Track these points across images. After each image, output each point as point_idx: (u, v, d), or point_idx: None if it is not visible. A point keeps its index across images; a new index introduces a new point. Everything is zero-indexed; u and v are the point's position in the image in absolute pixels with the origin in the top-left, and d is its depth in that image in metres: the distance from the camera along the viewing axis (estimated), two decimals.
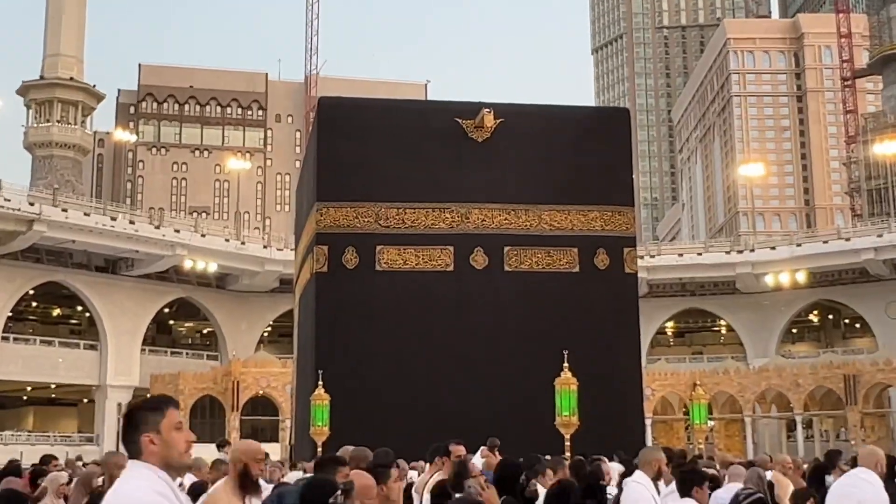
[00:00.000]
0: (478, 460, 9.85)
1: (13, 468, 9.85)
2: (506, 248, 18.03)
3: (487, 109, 17.98)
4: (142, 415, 2.37)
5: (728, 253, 48.93)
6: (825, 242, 47.80)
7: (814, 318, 52.35)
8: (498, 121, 17.91)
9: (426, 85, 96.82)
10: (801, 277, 46.80)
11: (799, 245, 47.85)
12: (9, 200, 39.33)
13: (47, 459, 11.06)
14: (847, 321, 52.31)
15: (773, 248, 48.81)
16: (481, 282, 18.09)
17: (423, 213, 17.95)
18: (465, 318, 17.76)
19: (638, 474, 7.02)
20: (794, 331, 51.86)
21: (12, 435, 45.94)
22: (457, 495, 5.43)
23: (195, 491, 6.71)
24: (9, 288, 42.27)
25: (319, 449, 16.02)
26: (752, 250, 49.24)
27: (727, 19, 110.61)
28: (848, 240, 46.95)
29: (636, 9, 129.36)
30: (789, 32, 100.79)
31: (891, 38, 75.03)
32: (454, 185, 18.22)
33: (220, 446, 12.34)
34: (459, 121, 18.01)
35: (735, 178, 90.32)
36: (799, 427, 46.24)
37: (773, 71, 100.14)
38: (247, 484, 4.36)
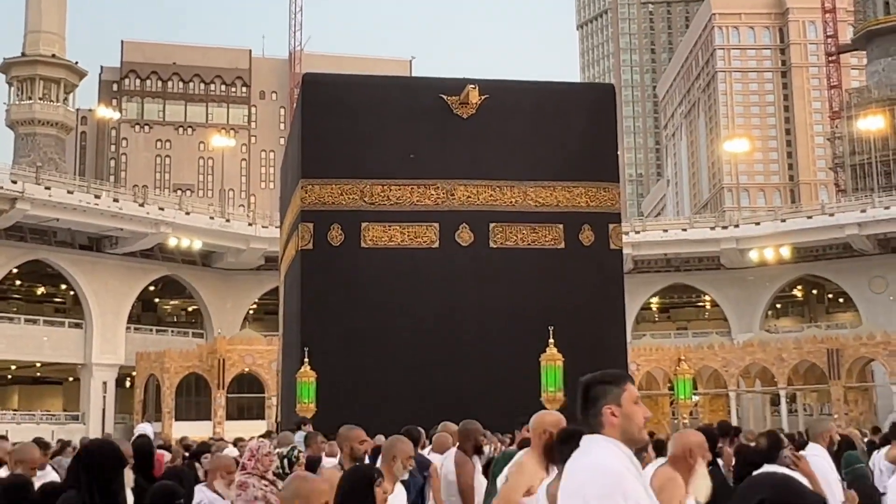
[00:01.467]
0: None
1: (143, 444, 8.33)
2: (491, 225, 18.03)
3: (472, 85, 17.92)
4: (602, 388, 2.40)
5: (713, 229, 48.93)
6: (809, 218, 47.89)
7: (798, 293, 52.24)
8: (483, 97, 17.88)
9: (411, 62, 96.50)
10: (786, 253, 46.88)
11: (783, 220, 47.86)
12: None
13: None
14: (831, 296, 52.57)
15: (758, 223, 48.99)
16: (467, 258, 18.07)
17: (409, 189, 17.86)
18: (450, 294, 17.68)
19: (813, 447, 6.74)
20: (779, 306, 52.17)
21: None
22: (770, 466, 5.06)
23: (311, 465, 6.73)
24: None
25: (306, 424, 15.60)
26: (737, 226, 49.30)
27: None
28: (832, 215, 47.27)
29: None
30: (774, 7, 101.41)
31: (875, 13, 75.29)
32: (439, 161, 18.17)
33: (299, 426, 12.02)
34: (444, 97, 17.87)
35: (720, 154, 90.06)
36: (783, 401, 45.70)
37: (758, 46, 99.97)
38: (552, 453, 4.31)
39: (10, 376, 47.38)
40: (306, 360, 17.11)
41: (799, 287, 50.93)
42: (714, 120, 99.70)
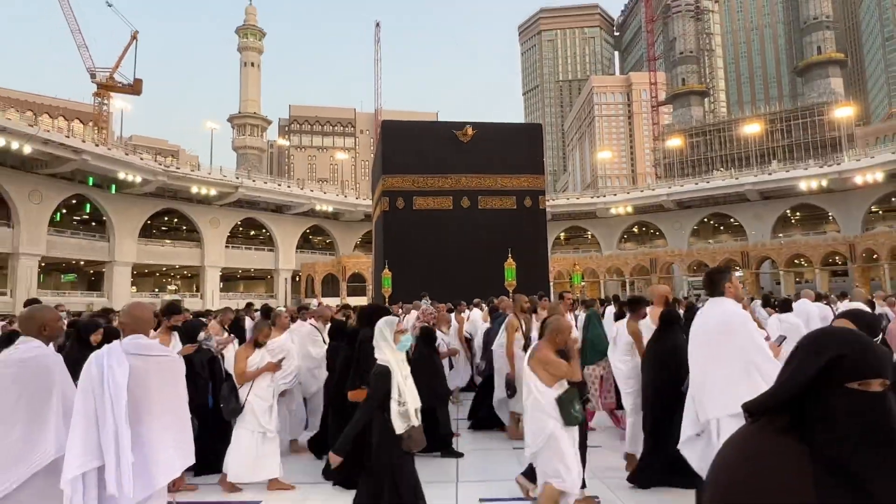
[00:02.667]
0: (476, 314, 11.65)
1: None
2: (479, 197, 21.97)
3: (469, 126, 22.20)
4: (722, 275, 3.74)
5: (591, 198, 63.58)
6: (641, 191, 62.09)
7: (636, 230, 65.44)
8: (474, 131, 22.09)
9: (437, 113, 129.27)
10: (630, 209, 59.90)
11: (628, 193, 62.57)
12: (225, 176, 49.65)
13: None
14: (651, 231, 65.33)
15: (615, 194, 63.43)
16: (466, 215, 21.70)
17: (436, 179, 21.92)
18: (458, 234, 21.23)
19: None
20: (626, 236, 65.39)
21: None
22: None
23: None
24: (225, 222, 52.73)
25: (386, 300, 19.29)
26: (604, 196, 63.64)
27: (593, 75, 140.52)
28: (653, 189, 60.28)
29: (546, 69, 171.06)
30: (625, 82, 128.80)
31: (676, 85, 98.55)
32: (452, 164, 21.89)
33: (421, 297, 13.11)
34: (455, 131, 22.16)
35: (596, 160, 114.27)
36: (628, 287, 58.09)
37: (616, 102, 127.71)
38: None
39: (238, 276, 59.43)
40: (385, 265, 21.10)
41: (635, 227, 64.38)
42: (592, 141, 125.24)
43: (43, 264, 42.44)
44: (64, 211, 44.09)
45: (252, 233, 57.96)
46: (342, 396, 5.27)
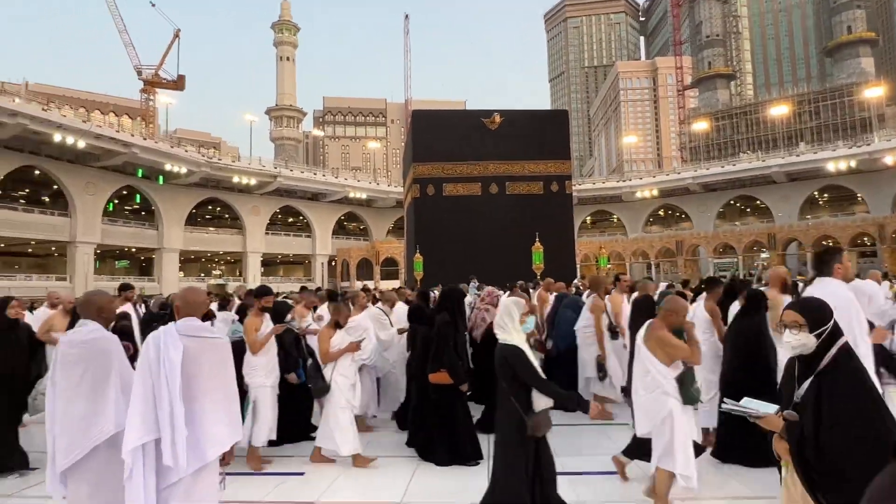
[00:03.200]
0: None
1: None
2: (507, 183, 21.70)
3: (497, 113, 22.04)
4: (831, 256, 3.79)
5: (617, 182, 61.72)
6: (667, 175, 60.12)
7: (661, 213, 63.52)
8: (501, 118, 21.85)
9: (465, 102, 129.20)
10: (655, 193, 58.26)
11: (654, 176, 60.99)
12: (264, 166, 50.18)
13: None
14: (678, 214, 64.02)
15: (641, 178, 61.96)
16: (495, 200, 21.47)
17: (465, 166, 21.62)
18: (487, 219, 20.97)
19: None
20: (651, 220, 63.36)
21: None
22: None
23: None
24: (264, 210, 53.28)
25: (418, 283, 19.11)
26: (630, 180, 61.49)
27: (619, 61, 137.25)
28: (679, 173, 58.55)
29: (571, 56, 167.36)
30: (651, 67, 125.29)
31: (702, 68, 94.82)
32: (480, 151, 21.65)
33: (469, 280, 12.96)
34: (483, 119, 21.95)
35: (622, 145, 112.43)
36: (653, 270, 56.50)
37: (641, 87, 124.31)
38: (786, 288, 5.26)
39: (277, 261, 59.74)
40: (417, 250, 21.09)
41: (661, 210, 62.35)
42: (618, 126, 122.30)
43: (98, 251, 43.66)
44: (116, 201, 45.26)
45: (290, 220, 58.89)
46: (423, 373, 5.41)
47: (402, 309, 7.63)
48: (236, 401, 3.27)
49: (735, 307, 5.49)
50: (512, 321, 3.70)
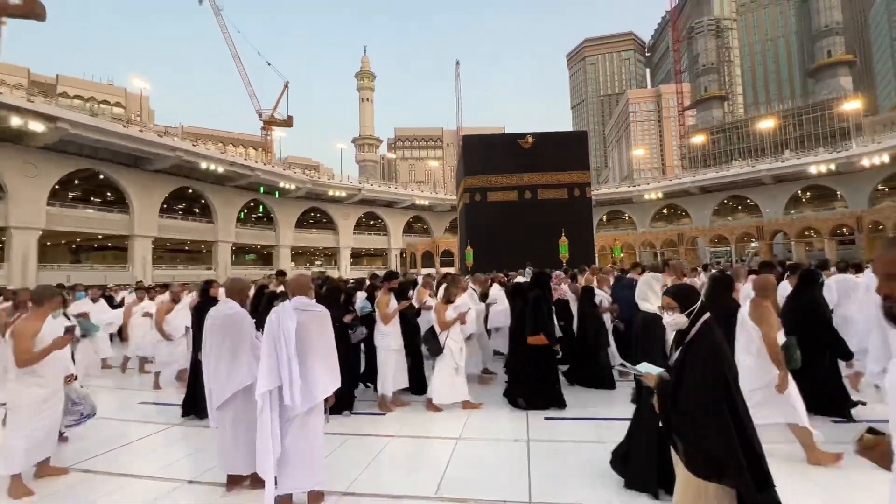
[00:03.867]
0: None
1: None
2: (538, 190, 21.34)
3: (529, 135, 21.80)
4: None
5: (628, 187, 59.59)
6: (670, 180, 57.29)
7: (665, 212, 60.28)
8: (533, 139, 21.67)
9: (504, 126, 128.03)
10: (660, 195, 56.09)
11: (659, 182, 58.25)
12: (352, 182, 50.96)
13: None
14: (680, 212, 59.57)
15: (648, 184, 59.29)
16: (528, 204, 21.08)
17: (504, 177, 21.35)
18: (522, 219, 20.63)
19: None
20: (657, 217, 59.64)
21: None
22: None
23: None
24: (352, 215, 53.39)
25: (469, 270, 18.75)
26: (638, 185, 59.40)
27: (629, 89, 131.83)
28: (680, 178, 55.63)
29: (589, 87, 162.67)
30: (655, 93, 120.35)
31: (700, 92, 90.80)
32: (516, 165, 21.29)
33: (525, 266, 12.25)
34: (518, 140, 21.76)
35: (631, 157, 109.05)
36: (659, 257, 52.35)
37: (648, 110, 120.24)
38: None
39: (362, 253, 59.21)
40: (468, 244, 20.95)
41: (665, 209, 59.25)
42: (629, 141, 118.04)
43: (233, 248, 45.77)
44: (245, 211, 47.07)
45: (371, 222, 59.48)
46: (521, 339, 5.39)
47: (495, 289, 7.66)
48: (335, 357, 3.31)
49: (784, 286, 5.13)
50: (654, 293, 3.70)
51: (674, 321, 2.35)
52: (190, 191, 40.56)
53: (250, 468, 3.35)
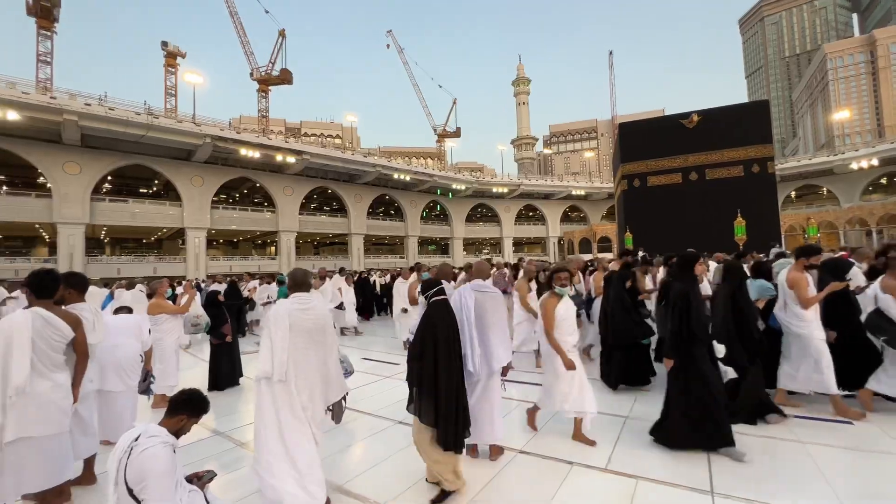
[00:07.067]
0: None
1: None
2: (706, 170, 18.82)
3: (695, 114, 19.30)
4: None
5: (827, 157, 46.01)
6: (892, 143, 42.52)
7: (884, 181, 46.07)
8: (699, 117, 19.05)
9: (663, 109, 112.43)
10: (875, 162, 42.50)
11: (874, 147, 43.54)
12: (511, 179, 50.02)
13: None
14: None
15: (857, 150, 45.09)
16: (694, 186, 18.97)
17: (666, 161, 19.40)
18: (687, 201, 18.72)
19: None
20: (871, 188, 46.00)
21: None
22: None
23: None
24: (513, 208, 53.24)
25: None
26: (843, 153, 45.45)
27: (825, 44, 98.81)
28: None
29: (770, 50, 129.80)
30: (865, 42, 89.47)
31: None
32: (679, 146, 19.22)
33: (635, 253, 10.34)
34: (681, 121, 19.50)
35: (830, 121, 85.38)
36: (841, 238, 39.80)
37: (855, 63, 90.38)
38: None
39: (523, 241, 56.68)
40: (627, 229, 19.96)
41: (883, 179, 45.22)
42: (826, 104, 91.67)
43: (419, 241, 49.80)
44: (426, 210, 51.23)
45: (530, 213, 59.30)
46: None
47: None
48: (507, 332, 3.39)
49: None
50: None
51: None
52: (387, 197, 45.27)
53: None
